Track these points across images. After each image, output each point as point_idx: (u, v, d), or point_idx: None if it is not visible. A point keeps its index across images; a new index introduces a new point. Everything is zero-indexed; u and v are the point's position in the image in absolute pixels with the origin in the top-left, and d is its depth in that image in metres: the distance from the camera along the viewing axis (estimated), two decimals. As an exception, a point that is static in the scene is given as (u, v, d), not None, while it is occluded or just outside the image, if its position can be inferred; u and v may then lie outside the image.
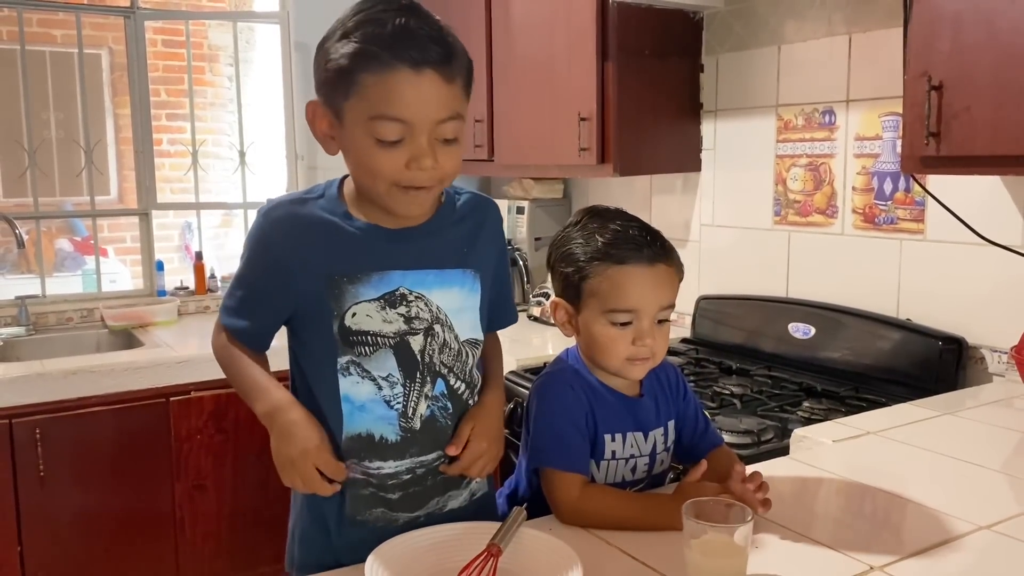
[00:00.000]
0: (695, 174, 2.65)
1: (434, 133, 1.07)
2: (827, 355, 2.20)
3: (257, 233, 1.15)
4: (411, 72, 1.03)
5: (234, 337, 1.20)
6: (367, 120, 1.05)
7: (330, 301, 1.12)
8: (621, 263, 1.21)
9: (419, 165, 1.06)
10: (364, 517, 1.18)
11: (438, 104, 1.06)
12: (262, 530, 2.55)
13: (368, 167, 1.08)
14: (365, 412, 1.15)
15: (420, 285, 1.16)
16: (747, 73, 2.47)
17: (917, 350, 2.02)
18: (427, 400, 1.17)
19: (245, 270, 1.17)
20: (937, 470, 1.43)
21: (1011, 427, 1.65)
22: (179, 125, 5.28)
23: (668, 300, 1.23)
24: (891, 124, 2.12)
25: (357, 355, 1.13)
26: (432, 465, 1.19)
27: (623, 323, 1.22)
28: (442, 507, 1.21)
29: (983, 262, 1.95)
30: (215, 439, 2.47)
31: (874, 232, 2.18)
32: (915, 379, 1.99)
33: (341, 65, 1.05)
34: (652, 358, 1.23)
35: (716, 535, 0.98)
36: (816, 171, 2.31)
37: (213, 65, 5.53)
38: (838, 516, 1.30)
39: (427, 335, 1.16)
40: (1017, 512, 1.23)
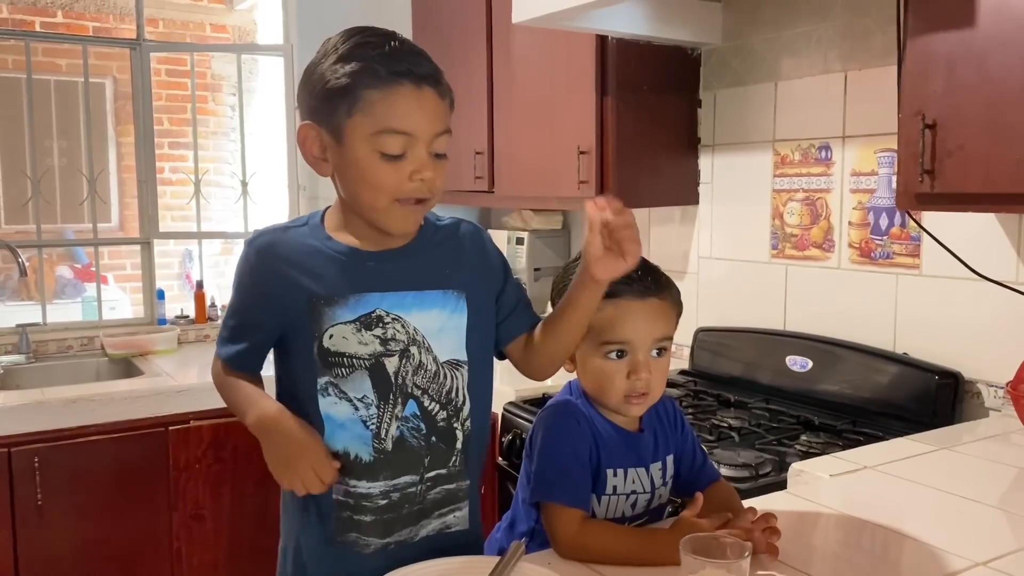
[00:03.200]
0: (693, 207, 2.67)
1: (431, 147, 1.13)
2: (824, 388, 2.21)
3: (242, 262, 1.21)
4: (413, 87, 1.10)
5: (229, 365, 1.24)
6: (372, 135, 1.10)
7: (310, 323, 1.16)
8: (612, 297, 1.23)
9: (421, 176, 1.12)
10: (342, 539, 1.21)
11: (435, 118, 1.13)
12: (260, 560, 2.53)
13: (371, 182, 1.12)
14: (345, 431, 1.18)
15: (398, 307, 1.18)
16: (744, 109, 2.50)
17: (914, 384, 2.03)
18: (398, 421, 1.19)
19: (235, 298, 1.23)
20: (934, 506, 1.44)
21: (1008, 462, 1.66)
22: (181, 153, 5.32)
23: (662, 333, 1.24)
24: (887, 160, 2.14)
25: (334, 376, 1.17)
26: (406, 491, 1.20)
27: (617, 355, 1.23)
28: (413, 536, 1.23)
29: (978, 297, 1.96)
30: (213, 469, 2.47)
31: (870, 266, 2.20)
32: (912, 413, 2.00)
33: (342, 84, 1.10)
34: (649, 394, 1.24)
35: (714, 571, 0.98)
36: (813, 205, 2.34)
37: (216, 94, 5.59)
38: (835, 551, 1.30)
39: (402, 356, 1.18)
40: (1014, 548, 1.24)
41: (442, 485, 1.23)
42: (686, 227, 2.71)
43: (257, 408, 1.18)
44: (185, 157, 5.40)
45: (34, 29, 4.60)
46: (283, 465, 1.14)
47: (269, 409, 1.17)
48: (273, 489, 2.58)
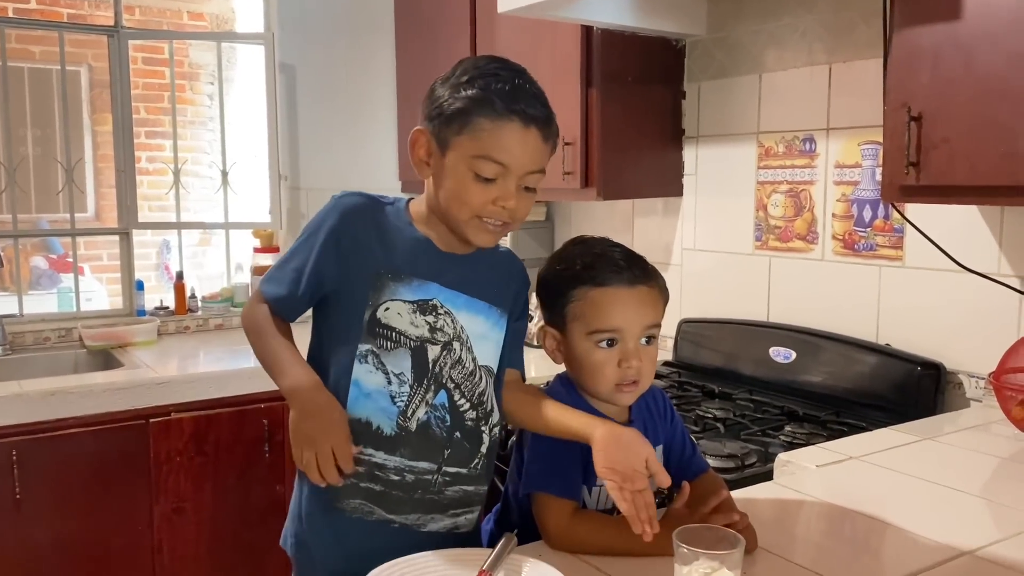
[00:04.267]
0: (677, 199, 2.67)
1: (522, 180, 1.20)
2: (807, 379, 2.23)
3: (325, 213, 1.25)
4: (521, 126, 1.17)
5: (271, 304, 1.26)
6: (472, 157, 1.18)
7: (369, 291, 1.22)
8: (601, 285, 1.24)
9: (504, 203, 1.19)
10: (342, 505, 1.23)
11: (533, 157, 1.20)
12: (242, 554, 2.52)
13: (460, 196, 1.20)
14: (370, 400, 1.22)
15: (451, 303, 1.25)
16: (728, 100, 2.50)
17: (896, 375, 2.05)
18: (427, 407, 1.23)
19: (301, 245, 1.25)
20: (919, 495, 1.45)
21: (990, 452, 1.68)
22: (158, 143, 5.26)
23: (651, 320, 1.25)
24: (870, 152, 2.16)
25: (378, 347, 1.22)
26: (422, 476, 1.23)
27: (608, 344, 1.23)
28: (421, 524, 1.25)
29: (961, 289, 1.98)
30: (195, 461, 2.44)
31: (853, 258, 2.22)
32: (894, 404, 2.02)
33: (460, 106, 1.18)
34: (640, 381, 1.24)
35: (707, 562, 0.99)
36: (796, 197, 2.35)
37: (193, 83, 5.52)
38: (822, 541, 1.31)
39: (445, 348, 1.24)
40: (998, 538, 1.25)
41: (461, 484, 1.26)
42: (670, 219, 2.71)
43: (294, 374, 1.20)
44: (163, 147, 5.33)
45: (7, 15, 4.52)
46: (305, 438, 1.17)
47: (305, 380, 1.19)
48: (255, 482, 2.57)
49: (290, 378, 1.20)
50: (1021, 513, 1.35)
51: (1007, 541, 1.24)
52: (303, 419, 1.17)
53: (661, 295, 1.28)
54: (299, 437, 1.17)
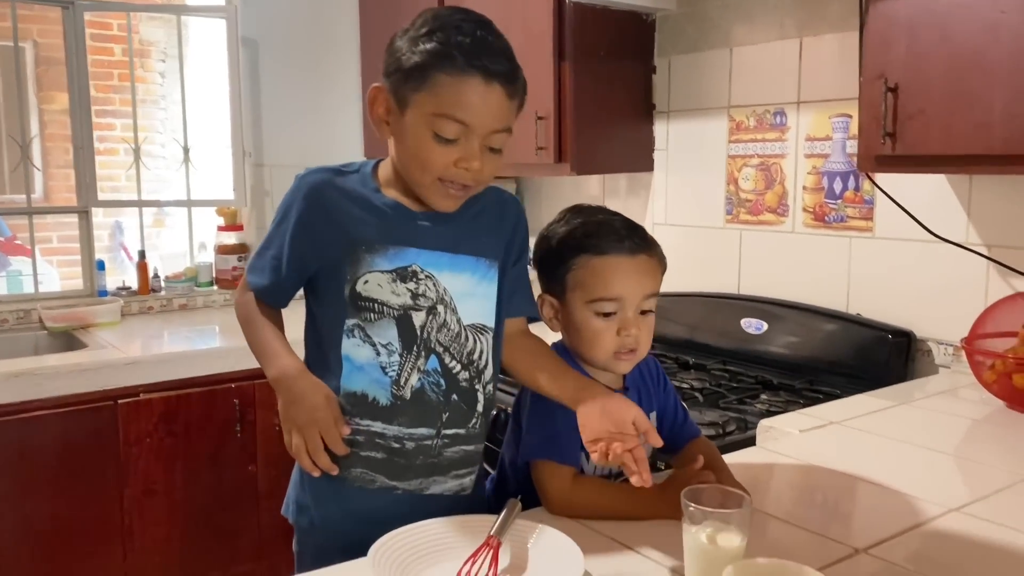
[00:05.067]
0: (648, 174, 2.69)
1: (486, 140, 1.15)
2: (780, 349, 2.26)
3: (291, 196, 1.23)
4: (482, 81, 1.11)
5: (257, 295, 1.27)
6: (431, 115, 1.12)
7: (347, 266, 1.19)
8: (603, 253, 1.24)
9: (467, 165, 1.15)
10: (344, 475, 1.22)
11: (497, 115, 1.14)
12: (215, 535, 2.49)
13: (420, 158, 1.15)
14: (363, 373, 1.21)
15: (432, 265, 1.21)
16: (699, 75, 2.52)
17: (867, 343, 2.09)
18: (419, 373, 1.22)
19: (275, 232, 1.25)
20: (900, 457, 1.49)
21: (962, 415, 1.73)
22: (108, 122, 5.11)
23: (651, 289, 1.26)
24: (841, 125, 2.19)
25: (363, 320, 1.20)
26: (421, 443, 1.22)
27: (607, 313, 1.24)
28: (423, 488, 1.24)
29: (929, 258, 2.03)
30: (165, 443, 2.40)
31: (824, 230, 2.25)
32: (866, 371, 2.06)
33: (418, 60, 1.12)
34: (638, 350, 1.25)
35: (716, 522, 1.00)
36: (767, 171, 2.38)
37: (144, 60, 5.37)
38: (817, 502, 1.34)
39: (429, 313, 1.21)
40: (980, 495, 1.29)
41: (460, 445, 1.25)
42: (641, 194, 2.72)
43: (278, 363, 1.20)
44: (113, 125, 5.19)
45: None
46: (292, 425, 1.17)
47: (290, 367, 1.19)
48: (226, 462, 2.53)
49: (275, 367, 1.21)
50: (997, 471, 1.40)
51: (988, 499, 1.28)
52: (288, 406, 1.18)
53: (660, 264, 1.29)
54: (287, 424, 1.18)
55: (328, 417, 1.16)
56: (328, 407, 1.16)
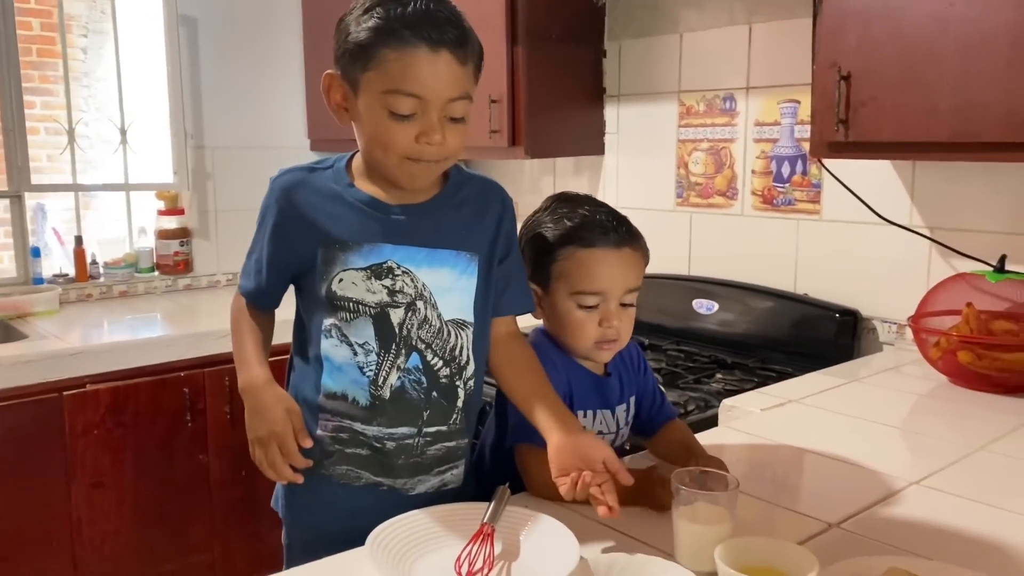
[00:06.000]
0: (599, 157, 2.72)
1: (444, 111, 1.12)
2: (730, 329, 2.33)
3: (266, 198, 1.23)
4: (429, 51, 1.08)
5: (246, 298, 1.27)
6: (382, 93, 1.10)
7: (322, 265, 1.18)
8: (589, 246, 1.25)
9: (428, 140, 1.12)
10: (329, 472, 1.22)
11: (450, 83, 1.11)
12: (166, 527, 2.44)
13: (380, 139, 1.13)
14: (342, 373, 1.20)
15: (409, 261, 1.19)
16: (649, 59, 2.55)
17: (815, 322, 2.17)
18: (399, 371, 1.20)
19: (256, 234, 1.25)
20: (858, 432, 1.55)
21: (910, 391, 1.81)
22: (28, 99, 4.89)
23: (634, 283, 1.28)
24: (789, 111, 2.25)
25: (339, 320, 1.19)
26: (403, 442, 1.21)
27: (590, 306, 1.25)
28: (409, 488, 1.23)
29: (874, 240, 2.11)
30: (114, 434, 2.33)
31: (773, 213, 2.32)
32: (814, 349, 2.14)
33: (362, 39, 1.10)
34: (619, 340, 1.27)
35: (705, 503, 1.03)
36: (717, 155, 2.43)
37: (66, 36, 5.15)
38: (786, 479, 1.39)
39: (408, 309, 1.19)
40: (937, 468, 1.36)
41: (442, 442, 1.24)
42: (592, 177, 2.75)
43: (247, 372, 1.21)
44: (32, 103, 4.97)
45: None
46: (254, 436, 1.17)
47: (257, 378, 1.19)
48: (177, 452, 2.49)
49: (243, 376, 1.21)
50: (950, 444, 1.47)
51: (945, 471, 1.35)
52: (251, 417, 1.18)
53: (643, 257, 1.30)
54: (249, 435, 1.18)
55: (286, 431, 1.14)
56: (287, 420, 1.15)
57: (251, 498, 2.53)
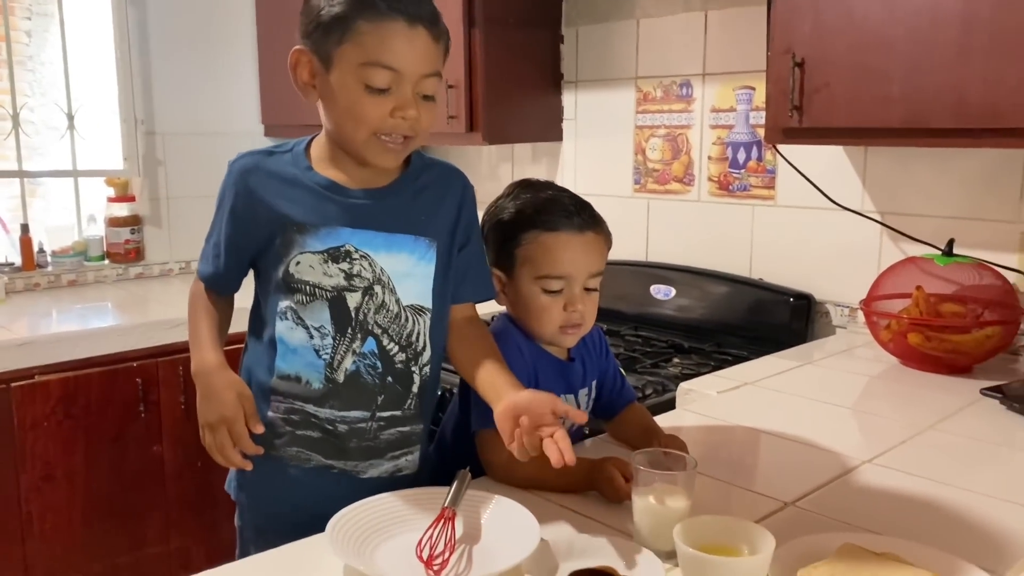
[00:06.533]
0: (557, 144, 2.72)
1: (418, 87, 1.13)
2: (687, 314, 2.35)
3: (224, 182, 1.22)
4: (406, 25, 1.09)
5: (205, 283, 1.26)
6: (359, 66, 1.10)
7: (279, 248, 1.18)
8: (553, 230, 1.25)
9: (403, 114, 1.12)
10: (280, 453, 1.22)
11: (425, 59, 1.12)
12: (120, 519, 2.40)
13: (353, 113, 1.12)
14: (296, 356, 1.20)
15: (367, 245, 1.18)
16: (606, 45, 2.56)
17: (770, 307, 2.20)
18: (354, 356, 1.19)
19: (214, 218, 1.24)
20: (812, 413, 1.58)
21: (861, 372, 1.84)
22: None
23: (597, 267, 1.28)
24: (744, 97, 2.27)
25: (295, 302, 1.18)
26: (355, 426, 1.21)
27: (555, 290, 1.25)
28: (360, 472, 1.23)
29: (827, 225, 2.14)
30: (64, 425, 2.28)
31: (728, 199, 2.34)
32: (769, 333, 2.17)
33: (337, 11, 1.10)
34: (583, 325, 1.28)
35: (663, 484, 1.04)
36: (674, 141, 2.44)
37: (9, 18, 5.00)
38: (742, 460, 1.41)
39: (365, 294, 1.19)
40: (889, 446, 1.39)
41: (396, 427, 1.23)
42: (550, 163, 2.75)
43: (199, 356, 1.20)
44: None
45: None
46: (204, 421, 1.17)
47: (207, 362, 1.18)
48: (130, 443, 2.44)
49: (195, 360, 1.20)
50: (900, 424, 1.50)
51: (896, 449, 1.38)
52: (201, 401, 1.17)
53: (606, 241, 1.31)
54: (200, 419, 1.17)
55: (237, 416, 1.14)
56: (238, 406, 1.14)
57: (207, 489, 2.50)
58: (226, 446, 1.14)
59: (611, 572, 0.98)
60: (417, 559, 0.98)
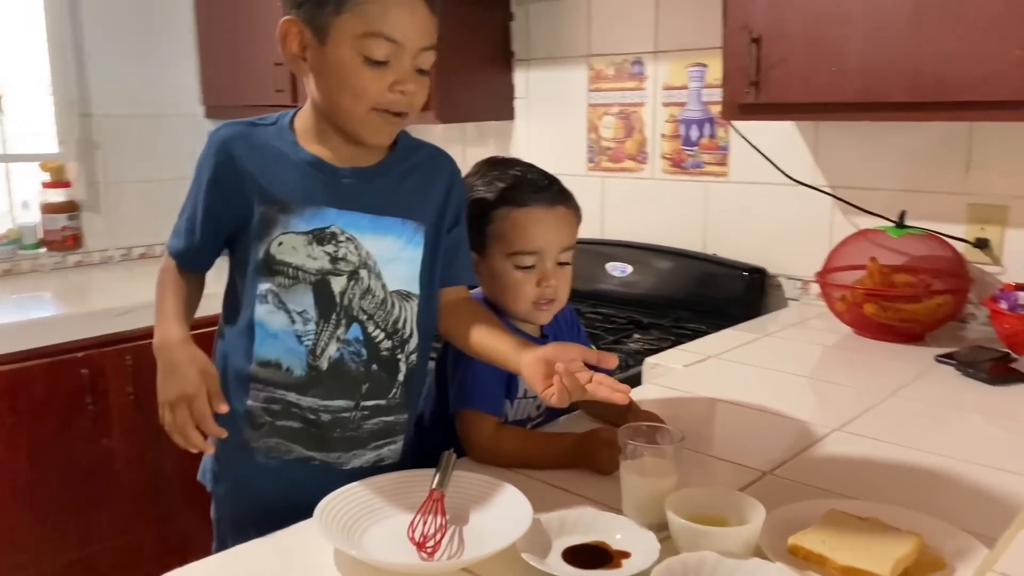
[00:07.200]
0: (509, 122, 2.70)
1: (416, 60, 1.09)
2: (644, 291, 2.37)
3: (203, 153, 1.16)
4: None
5: (175, 259, 1.21)
6: (358, 37, 1.05)
7: (261, 227, 1.13)
8: (523, 206, 1.24)
9: (402, 88, 1.09)
10: (258, 445, 1.18)
11: (424, 31, 1.09)
12: (69, 516, 2.33)
13: (353, 87, 1.08)
14: (277, 341, 1.15)
15: (353, 227, 1.14)
16: (558, 23, 2.54)
17: (725, 281, 2.23)
18: (338, 343, 1.16)
19: (190, 190, 1.19)
20: (777, 384, 1.61)
21: (818, 343, 1.88)
22: None
23: (569, 241, 1.28)
24: (697, 75, 2.29)
25: (276, 285, 1.14)
26: (339, 415, 1.17)
27: (527, 266, 1.25)
28: (343, 463, 1.20)
29: (779, 200, 2.18)
30: (7, 420, 2.20)
31: (682, 176, 2.36)
32: (724, 307, 2.20)
33: None
34: (557, 300, 1.28)
35: (652, 457, 1.05)
36: (627, 119, 2.45)
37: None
38: (716, 431, 1.43)
39: (351, 278, 1.15)
40: (855, 414, 1.42)
41: (381, 416, 1.20)
42: (502, 142, 2.73)
43: (162, 330, 1.13)
44: None
45: None
46: (164, 399, 1.09)
47: (172, 336, 1.12)
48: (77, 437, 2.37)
49: (157, 335, 1.14)
50: (863, 392, 1.54)
51: (863, 416, 1.42)
52: (162, 377, 1.10)
53: (576, 215, 1.31)
54: (160, 397, 1.10)
55: (199, 393, 1.06)
56: (200, 382, 1.07)
57: (160, 481, 2.44)
58: (187, 426, 1.06)
59: (605, 547, 0.98)
60: (409, 542, 0.97)
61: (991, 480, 1.17)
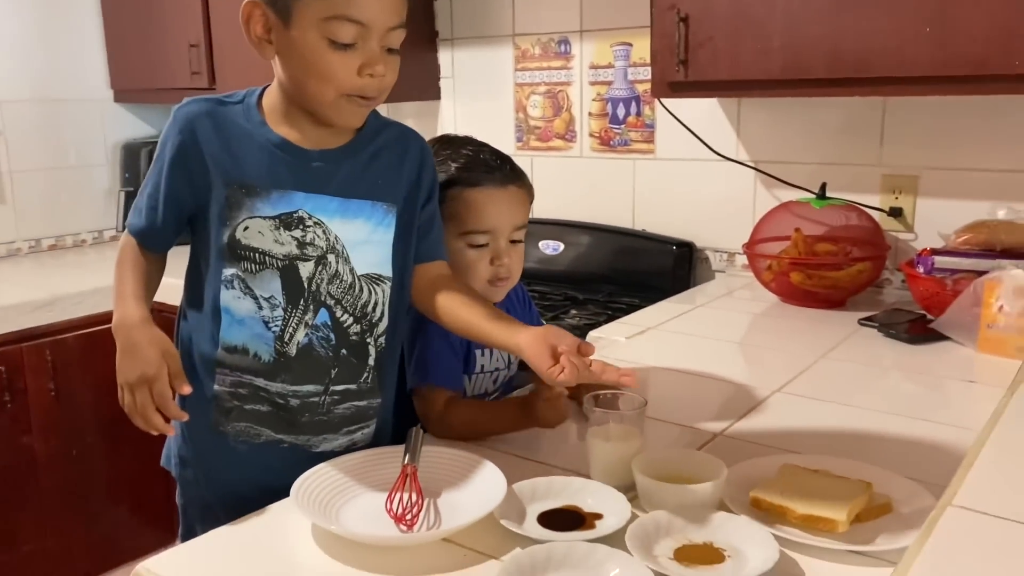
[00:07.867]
0: (435, 102, 2.70)
1: (384, 40, 1.06)
2: (577, 268, 2.41)
3: (167, 130, 1.13)
4: None
5: (134, 237, 1.17)
6: (323, 20, 1.03)
7: (225, 210, 1.10)
8: (475, 185, 1.26)
9: (371, 70, 1.06)
10: (226, 429, 1.17)
11: (392, 10, 1.06)
12: (24, 509, 2.24)
13: (319, 72, 1.05)
14: (243, 327, 1.13)
15: (321, 211, 1.13)
16: (482, 2, 2.55)
17: (654, 256, 2.29)
18: (307, 328, 1.14)
19: (152, 167, 1.15)
20: (715, 351, 1.68)
21: (747, 311, 1.96)
22: None
23: (521, 220, 1.30)
24: (622, 54, 2.33)
25: (242, 270, 1.12)
26: (308, 400, 1.16)
27: (480, 245, 1.26)
28: (312, 445, 1.19)
29: (704, 176, 2.25)
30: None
31: (610, 154, 2.41)
32: (655, 281, 2.26)
33: None
34: (511, 277, 1.30)
35: (616, 423, 1.08)
36: (554, 98, 2.48)
37: None
38: (665, 398, 1.46)
39: (318, 263, 1.13)
40: (792, 376, 1.50)
41: (351, 401, 1.19)
42: (429, 122, 2.73)
43: (121, 309, 1.10)
44: None
45: None
46: (123, 380, 1.06)
47: (131, 315, 1.09)
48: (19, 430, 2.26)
49: (116, 313, 1.11)
50: (796, 356, 1.61)
51: (799, 378, 1.49)
52: (121, 358, 1.07)
53: (528, 194, 1.32)
54: (119, 378, 1.07)
55: (160, 374, 1.04)
56: (161, 363, 1.04)
57: (85, 478, 2.36)
58: (148, 408, 1.03)
59: (577, 510, 1.02)
60: (388, 516, 0.98)
61: (922, 431, 1.25)
